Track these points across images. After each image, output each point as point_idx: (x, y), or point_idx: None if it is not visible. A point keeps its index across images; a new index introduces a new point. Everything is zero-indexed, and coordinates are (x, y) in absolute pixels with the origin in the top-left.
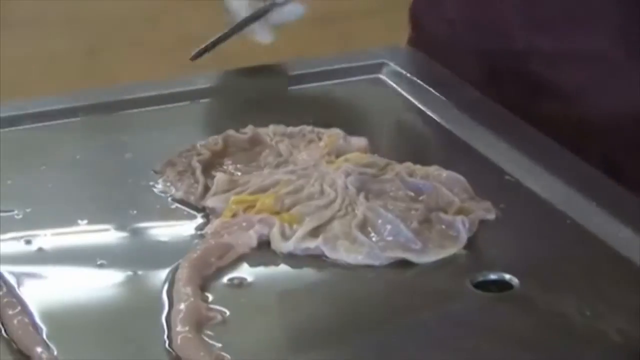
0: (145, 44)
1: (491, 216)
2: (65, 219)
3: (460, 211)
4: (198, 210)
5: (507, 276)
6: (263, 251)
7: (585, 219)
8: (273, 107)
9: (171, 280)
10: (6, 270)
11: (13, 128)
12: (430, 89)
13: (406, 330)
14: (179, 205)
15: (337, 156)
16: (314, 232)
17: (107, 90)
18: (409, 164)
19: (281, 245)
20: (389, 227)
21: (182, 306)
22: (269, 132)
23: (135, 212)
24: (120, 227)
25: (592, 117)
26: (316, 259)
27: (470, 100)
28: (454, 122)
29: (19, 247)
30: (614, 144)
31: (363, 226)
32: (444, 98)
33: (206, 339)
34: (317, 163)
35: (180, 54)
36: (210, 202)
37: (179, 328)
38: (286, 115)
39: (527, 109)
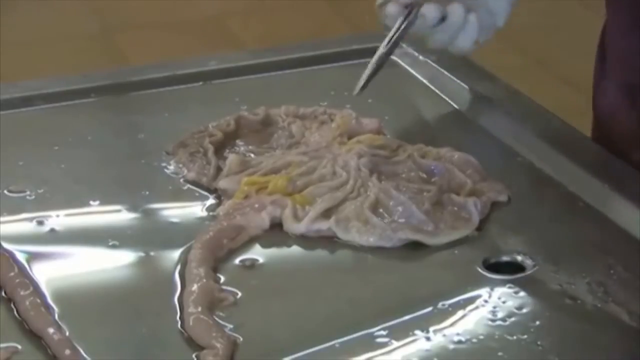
0: (158, 25)
1: (503, 198)
2: (77, 200)
3: (472, 193)
4: (210, 191)
5: (520, 258)
6: (275, 232)
7: (597, 201)
8: (285, 88)
9: (183, 261)
10: (18, 250)
11: (26, 109)
12: (443, 71)
13: (418, 312)
14: (191, 187)
15: (350, 137)
16: (326, 214)
17: (120, 71)
18: (421, 146)
19: (293, 227)
20: (401, 208)
21: (195, 287)
22: (281, 113)
23: (147, 193)
24: (132, 208)
25: None
26: (328, 241)
27: (483, 83)
28: (466, 103)
29: (31, 227)
30: None
31: (375, 208)
32: (456, 80)
33: (218, 320)
34: (329, 144)
35: (192, 35)
36: (222, 183)
37: (191, 309)
38: (298, 97)
39: None
